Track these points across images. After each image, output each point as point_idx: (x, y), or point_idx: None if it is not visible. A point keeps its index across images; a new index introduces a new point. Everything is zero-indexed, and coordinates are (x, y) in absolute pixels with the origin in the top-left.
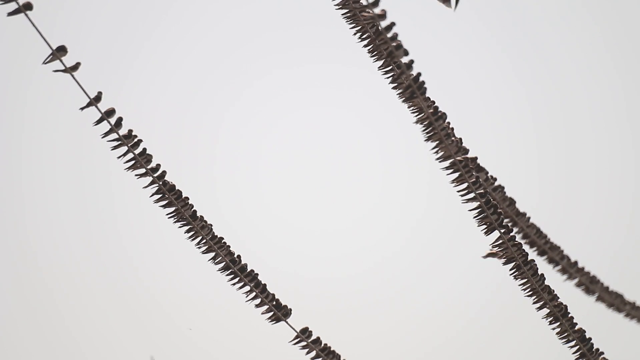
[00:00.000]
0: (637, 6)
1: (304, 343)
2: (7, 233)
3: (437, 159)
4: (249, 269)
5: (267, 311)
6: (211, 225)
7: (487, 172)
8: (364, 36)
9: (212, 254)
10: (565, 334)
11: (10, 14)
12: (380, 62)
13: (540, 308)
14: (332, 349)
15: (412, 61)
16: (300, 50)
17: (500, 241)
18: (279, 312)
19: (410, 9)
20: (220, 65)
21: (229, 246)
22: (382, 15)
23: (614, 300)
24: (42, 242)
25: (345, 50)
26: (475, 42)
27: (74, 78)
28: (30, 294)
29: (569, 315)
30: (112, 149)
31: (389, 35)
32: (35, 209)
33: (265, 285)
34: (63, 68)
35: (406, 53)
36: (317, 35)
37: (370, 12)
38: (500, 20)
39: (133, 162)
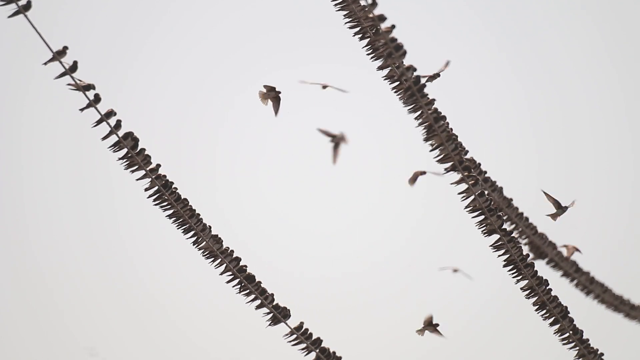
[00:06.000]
0: (637, 6)
1: (303, 344)
2: (7, 233)
3: (437, 160)
4: (248, 271)
5: (267, 313)
6: (210, 226)
7: (486, 173)
8: (365, 36)
9: (211, 254)
10: (565, 335)
11: (10, 16)
12: (380, 63)
13: (539, 309)
14: (331, 349)
15: (412, 66)
16: (300, 51)
17: (500, 242)
18: (279, 314)
19: (410, 9)
20: (220, 66)
21: (227, 247)
22: (382, 17)
23: (614, 301)
24: (42, 242)
25: (345, 50)
26: (474, 42)
27: (73, 79)
28: (30, 294)
29: (569, 316)
30: (112, 151)
31: (389, 36)
32: (35, 209)
33: (264, 288)
34: (62, 71)
35: (405, 50)
36: (317, 36)
37: (371, 14)
38: (500, 21)
39: (133, 164)
